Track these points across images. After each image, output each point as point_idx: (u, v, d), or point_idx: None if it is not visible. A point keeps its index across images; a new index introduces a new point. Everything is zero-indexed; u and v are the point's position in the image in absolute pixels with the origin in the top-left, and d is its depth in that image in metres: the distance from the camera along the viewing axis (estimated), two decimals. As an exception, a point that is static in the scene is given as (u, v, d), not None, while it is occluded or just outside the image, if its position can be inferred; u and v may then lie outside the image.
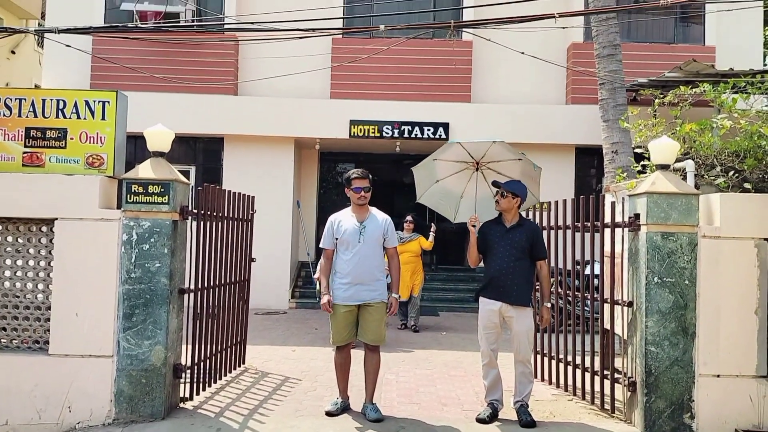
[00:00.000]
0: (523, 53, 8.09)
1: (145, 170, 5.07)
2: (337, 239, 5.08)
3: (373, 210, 5.19)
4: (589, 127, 11.01)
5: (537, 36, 9.63)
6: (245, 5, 12.02)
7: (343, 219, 5.11)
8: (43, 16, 14.21)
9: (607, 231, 5.51)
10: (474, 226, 5.10)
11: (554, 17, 5.90)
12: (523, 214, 5.46)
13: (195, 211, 5.46)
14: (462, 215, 5.78)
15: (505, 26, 6.92)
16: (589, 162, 12.21)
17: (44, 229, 5.15)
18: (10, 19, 15.02)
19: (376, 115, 11.74)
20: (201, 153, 12.19)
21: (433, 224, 10.03)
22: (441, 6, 12.00)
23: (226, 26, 11.23)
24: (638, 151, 6.66)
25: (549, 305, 5.10)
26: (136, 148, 8.87)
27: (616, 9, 8.69)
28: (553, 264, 6.18)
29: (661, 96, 7.15)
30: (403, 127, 11.75)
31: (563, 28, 8.32)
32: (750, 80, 6.59)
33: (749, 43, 11.82)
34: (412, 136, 11.76)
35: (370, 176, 5.16)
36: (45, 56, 12.09)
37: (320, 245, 5.29)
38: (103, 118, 5.23)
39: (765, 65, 14.94)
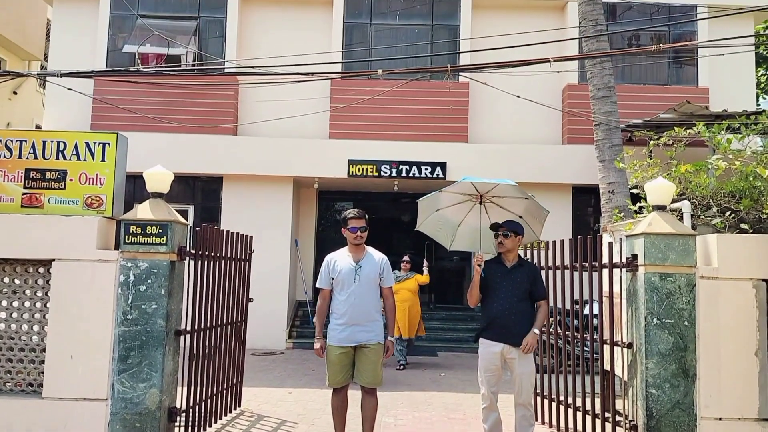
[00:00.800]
0: (518, 96, 8.20)
1: (143, 211, 5.09)
2: (333, 279, 5.04)
3: (370, 249, 5.15)
4: (586, 166, 11.09)
5: (533, 77, 9.78)
6: (245, 49, 12.23)
7: (339, 259, 5.07)
8: (45, 57, 14.42)
9: (606, 271, 5.50)
10: (480, 265, 5.06)
11: (549, 61, 6.00)
12: (521, 253, 5.46)
13: (193, 251, 5.46)
14: (458, 243, 5.78)
15: (500, 70, 7.03)
16: (586, 200, 12.26)
17: (41, 270, 5.14)
18: (13, 60, 15.24)
19: (374, 154, 11.83)
20: (200, 192, 12.23)
21: (425, 260, 10.20)
22: (438, 50, 12.20)
23: (226, 70, 11.40)
24: (635, 191, 6.70)
25: (537, 332, 4.99)
26: (135, 187, 8.91)
27: (610, 53, 8.85)
28: (552, 303, 6.16)
29: (656, 137, 7.23)
30: (401, 167, 11.82)
31: (558, 72, 8.44)
32: (744, 122, 6.68)
33: (742, 84, 12.00)
34: (410, 175, 11.83)
35: (367, 216, 5.14)
36: (46, 97, 12.23)
37: (316, 285, 5.25)
38: (102, 160, 5.28)
39: (758, 105, 15.14)
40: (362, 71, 10.18)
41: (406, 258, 9.84)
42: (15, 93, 15.22)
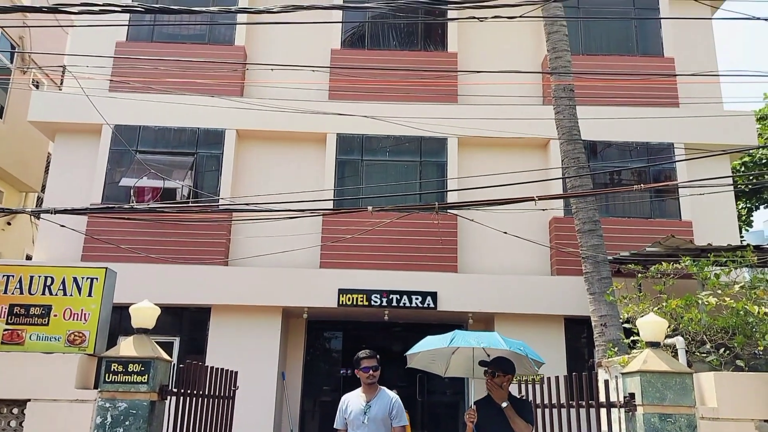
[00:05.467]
0: (506, 233, 8.36)
1: (126, 348, 4.96)
2: (346, 419, 5.16)
3: (383, 389, 5.27)
4: (577, 298, 11.06)
5: (519, 210, 10.02)
6: (241, 183, 12.55)
7: (352, 399, 5.22)
8: (43, 188, 14.71)
9: (603, 410, 5.32)
10: (472, 422, 4.90)
11: (534, 200, 6.19)
12: (515, 387, 5.31)
13: (175, 389, 5.27)
14: (453, 370, 5.77)
15: (487, 208, 7.22)
16: (579, 331, 12.09)
17: (15, 410, 4.91)
18: (10, 192, 15.52)
19: (364, 284, 11.80)
20: (186, 323, 12.01)
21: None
22: (426, 185, 12.57)
23: (220, 206, 11.65)
24: (627, 326, 6.66)
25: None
26: (121, 319, 8.73)
27: (593, 192, 9.17)
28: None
29: (644, 270, 7.30)
30: (391, 296, 11.75)
31: (543, 210, 8.68)
32: (731, 258, 6.78)
33: (724, 217, 12.27)
34: (401, 304, 11.74)
35: (378, 356, 5.30)
36: (39, 228, 12.31)
37: (334, 426, 5.37)
38: (89, 295, 5.22)
39: (741, 238, 15.47)
40: (353, 208, 10.44)
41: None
42: (9, 224, 15.36)
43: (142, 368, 4.84)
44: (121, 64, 12.64)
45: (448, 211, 11.56)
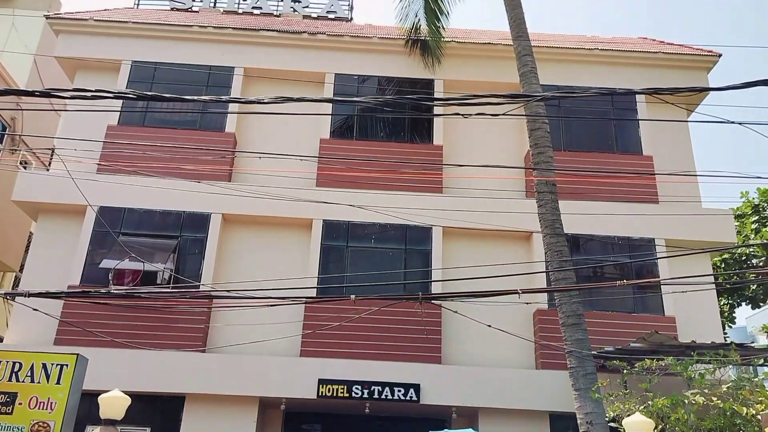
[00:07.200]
0: (489, 326, 8.30)
1: (92, 440, 4.73)
2: None
3: None
4: (562, 393, 10.83)
5: (503, 303, 9.95)
6: (224, 268, 12.45)
7: None
8: (22, 269, 14.46)
9: None
10: None
11: (518, 293, 6.18)
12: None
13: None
14: None
15: (470, 300, 7.18)
16: (564, 428, 11.72)
17: (-34, 508, 4.60)
18: (-12, 272, 15.26)
19: (345, 374, 11.51)
20: (159, 412, 11.54)
21: None
22: (411, 274, 12.53)
23: (200, 292, 11.50)
24: (613, 425, 6.49)
25: None
26: (91, 406, 8.34)
27: (577, 288, 9.20)
28: None
29: (628, 366, 7.20)
30: (372, 388, 11.44)
31: (527, 303, 8.65)
32: (715, 358, 6.73)
33: (706, 313, 12.25)
34: (382, 396, 11.40)
35: None
36: (13, 309, 12.03)
37: None
38: (58, 383, 5.03)
39: (725, 333, 15.42)
40: (336, 297, 10.35)
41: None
42: (-18, 303, 14.98)
43: (107, 463, 4.60)
44: (111, 147, 12.78)
45: (432, 301, 11.47)
